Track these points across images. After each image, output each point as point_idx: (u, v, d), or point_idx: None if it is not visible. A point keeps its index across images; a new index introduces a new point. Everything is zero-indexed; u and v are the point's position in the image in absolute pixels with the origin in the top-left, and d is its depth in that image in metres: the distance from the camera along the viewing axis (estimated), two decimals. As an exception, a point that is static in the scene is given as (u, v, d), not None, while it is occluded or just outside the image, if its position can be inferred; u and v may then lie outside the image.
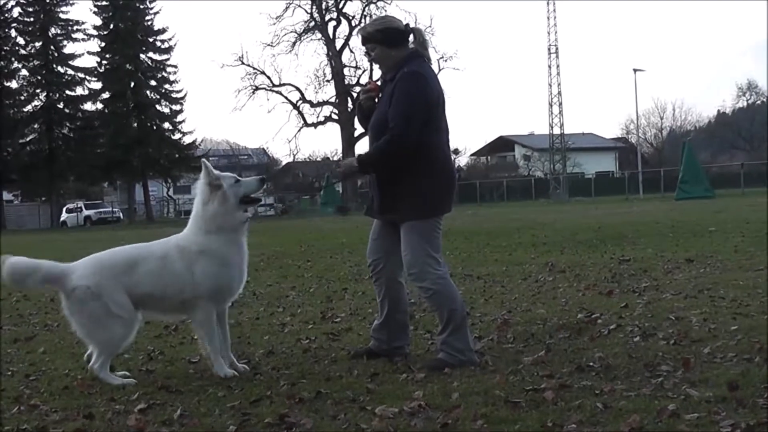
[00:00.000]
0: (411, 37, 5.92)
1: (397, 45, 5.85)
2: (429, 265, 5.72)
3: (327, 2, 69.16)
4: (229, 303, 6.03)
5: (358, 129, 69.88)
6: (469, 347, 5.71)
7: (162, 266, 5.72)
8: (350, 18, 69.56)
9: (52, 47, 70.90)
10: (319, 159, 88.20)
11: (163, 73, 73.00)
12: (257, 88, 68.80)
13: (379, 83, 6.09)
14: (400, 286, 6.07)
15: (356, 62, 70.23)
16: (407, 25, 5.95)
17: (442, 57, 67.90)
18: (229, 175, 5.95)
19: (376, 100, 5.99)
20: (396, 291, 6.05)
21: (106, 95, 71.64)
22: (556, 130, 75.54)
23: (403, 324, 6.12)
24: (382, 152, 5.70)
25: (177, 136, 73.57)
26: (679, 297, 8.05)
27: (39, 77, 70.29)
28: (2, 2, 69.15)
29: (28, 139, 70.72)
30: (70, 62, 71.58)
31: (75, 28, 71.42)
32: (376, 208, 5.95)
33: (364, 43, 5.99)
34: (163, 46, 72.78)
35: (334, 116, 69.75)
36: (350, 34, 69.69)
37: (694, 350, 5.59)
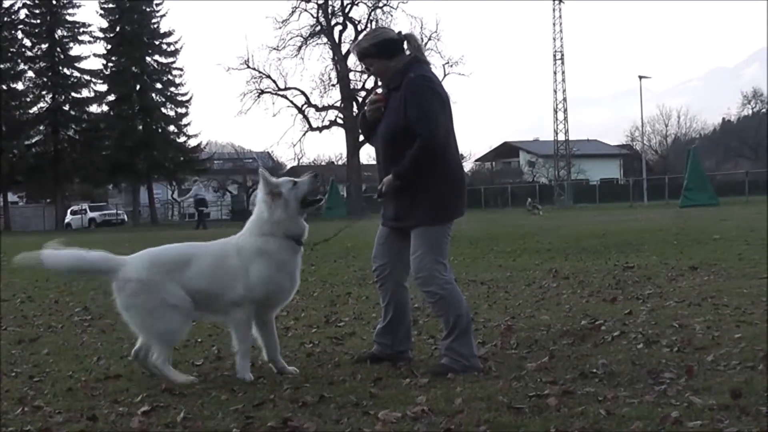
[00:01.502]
0: (406, 44, 5.92)
1: (394, 55, 5.85)
2: (437, 271, 5.72)
3: (333, 6, 69.22)
4: (280, 308, 6.05)
5: (363, 133, 70.03)
6: (473, 353, 5.71)
7: (217, 264, 5.75)
8: (356, 22, 69.60)
9: (58, 49, 71.04)
10: (323, 163, 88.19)
11: (169, 76, 73.17)
12: (262, 92, 68.81)
13: (381, 94, 6.04)
14: (404, 290, 6.07)
15: (362, 67, 70.08)
16: (399, 33, 5.95)
17: (448, 62, 68.00)
18: (286, 179, 5.95)
19: (383, 110, 5.97)
20: (401, 296, 6.06)
21: (111, 98, 71.81)
22: (561, 137, 75.55)
23: (407, 329, 6.13)
24: (418, 160, 5.66)
25: (182, 139, 73.75)
26: (683, 304, 8.05)
27: (45, 79, 70.42)
28: (9, 4, 69.27)
29: (33, 140, 70.83)
30: (76, 64, 71.72)
31: (81, 30, 71.58)
32: (392, 216, 5.94)
33: (361, 59, 6.00)
34: (169, 49, 72.98)
35: (339, 120, 69.75)
36: (356, 39, 69.66)
37: (698, 358, 5.59)
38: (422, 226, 5.74)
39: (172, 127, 73.56)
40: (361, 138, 62.45)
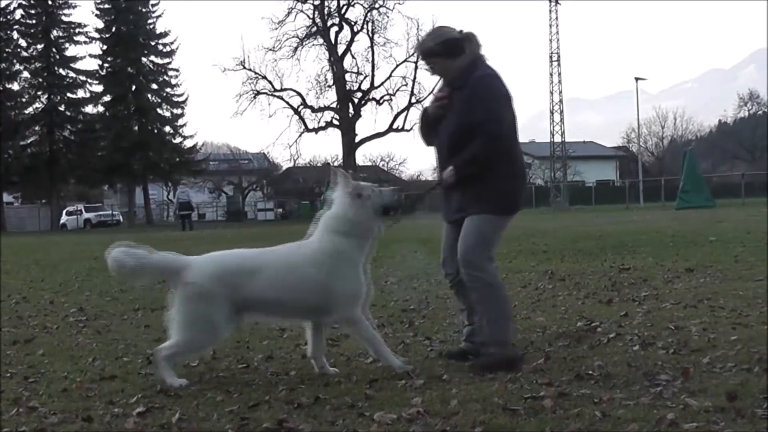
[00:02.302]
0: (466, 43, 5.93)
1: (457, 54, 5.88)
2: (486, 258, 5.79)
3: (329, 7, 69.20)
4: (359, 309, 5.82)
5: (360, 134, 70.15)
6: (510, 342, 5.81)
7: (289, 271, 5.69)
8: (352, 23, 69.60)
9: (53, 50, 71.02)
10: (319, 164, 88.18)
11: (165, 77, 73.15)
12: (258, 93, 68.76)
13: (445, 92, 6.02)
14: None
15: (357, 68, 70.23)
16: (461, 31, 5.97)
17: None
18: (369, 185, 5.93)
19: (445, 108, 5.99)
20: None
21: (107, 98, 71.78)
22: (557, 138, 75.56)
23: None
24: (479, 156, 5.71)
25: (178, 139, 73.76)
26: (679, 306, 8.05)
27: (40, 79, 70.39)
28: (4, 4, 69.23)
29: (29, 141, 70.79)
30: (72, 65, 71.69)
31: (77, 30, 71.55)
32: (456, 208, 5.96)
33: (424, 58, 6.02)
34: (164, 50, 72.96)
35: (335, 122, 69.73)
36: (352, 40, 69.73)
37: (694, 360, 5.59)
38: (483, 213, 5.77)
39: (167, 128, 73.53)
40: (357, 139, 62.48)
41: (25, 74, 70.90)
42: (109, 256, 5.76)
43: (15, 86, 70.37)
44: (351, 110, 69.68)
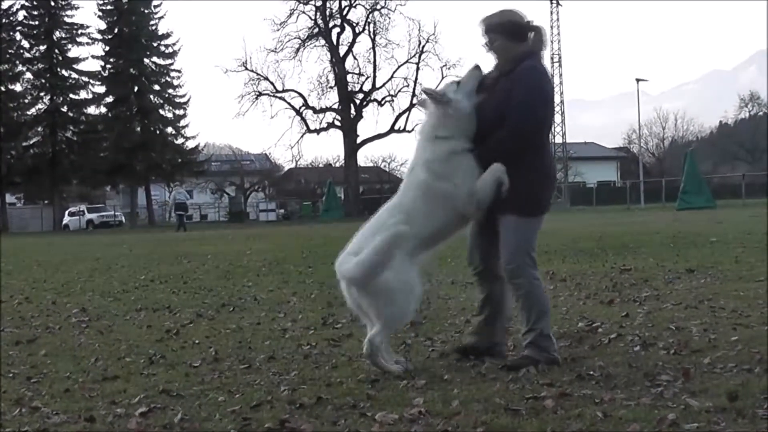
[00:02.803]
0: (531, 34, 5.94)
1: (517, 39, 5.88)
2: (527, 265, 5.79)
3: (331, 9, 69.27)
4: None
5: (361, 135, 70.17)
6: (554, 347, 5.80)
7: (428, 198, 5.70)
8: (354, 25, 69.64)
9: (56, 51, 71.11)
10: (321, 165, 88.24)
11: (167, 78, 73.23)
12: (260, 94, 68.85)
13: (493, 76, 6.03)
14: (502, 282, 6.08)
15: (359, 69, 70.26)
16: (529, 21, 5.98)
17: (446, 65, 67.99)
18: (449, 84, 5.95)
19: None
20: (499, 289, 6.09)
21: (109, 99, 71.89)
22: (559, 139, 75.53)
23: (503, 322, 6.20)
24: (502, 142, 5.73)
25: (180, 140, 73.85)
26: (680, 307, 8.06)
27: (43, 80, 70.49)
28: (7, 5, 69.30)
29: (31, 142, 70.90)
30: (75, 66, 71.80)
31: (79, 31, 71.67)
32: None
33: (486, 32, 5.97)
34: (167, 51, 73.04)
35: (337, 123, 69.76)
36: (354, 41, 69.78)
37: (694, 360, 5.59)
38: (514, 215, 5.78)
39: (170, 129, 73.62)
40: (359, 140, 62.46)
41: (28, 75, 71.05)
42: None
43: (18, 87, 70.54)
44: (353, 111, 69.70)
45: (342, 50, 69.84)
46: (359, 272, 5.53)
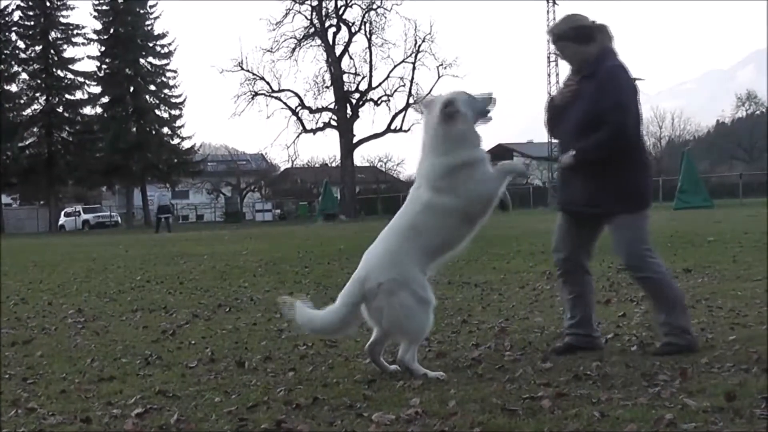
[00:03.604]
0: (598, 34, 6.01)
1: (588, 42, 5.94)
2: (648, 256, 5.90)
3: (327, 8, 69.26)
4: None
5: (357, 135, 70.15)
6: (691, 328, 5.91)
7: (434, 213, 5.66)
8: (350, 24, 69.65)
9: (52, 51, 71.11)
10: (317, 165, 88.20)
11: (163, 78, 73.26)
12: (256, 94, 68.82)
13: (573, 80, 6.10)
14: (589, 277, 6.25)
15: (355, 69, 70.28)
16: (594, 21, 6.04)
17: (442, 64, 68.01)
18: (457, 92, 5.88)
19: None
20: (587, 283, 6.23)
21: (105, 99, 71.91)
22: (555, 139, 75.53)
23: (591, 313, 6.26)
24: (603, 144, 5.79)
25: (176, 140, 73.95)
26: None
27: (39, 81, 70.49)
28: (2, 6, 69.28)
29: (27, 142, 70.86)
30: (70, 66, 71.81)
31: (75, 32, 71.70)
32: (583, 201, 6.01)
33: (556, 41, 6.07)
34: (162, 51, 73.06)
35: (333, 122, 69.74)
36: (350, 41, 69.78)
37: (692, 360, 5.58)
38: (624, 214, 5.87)
39: (165, 129, 73.66)
40: (355, 140, 62.69)
41: (24, 76, 71.12)
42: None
43: (13, 88, 70.57)
44: (349, 111, 69.70)
45: (338, 50, 69.85)
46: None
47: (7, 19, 70.02)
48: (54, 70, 71.08)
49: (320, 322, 5.76)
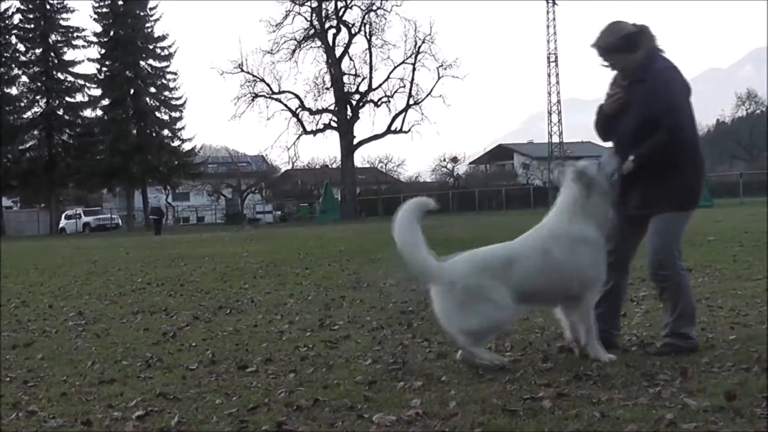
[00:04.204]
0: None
1: (637, 48, 5.99)
2: (675, 257, 5.95)
3: (327, 10, 69.29)
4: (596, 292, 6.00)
5: (358, 136, 70.16)
6: (694, 335, 5.97)
7: (543, 260, 5.77)
8: (350, 25, 69.68)
9: (52, 54, 71.10)
10: (317, 167, 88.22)
11: (163, 80, 73.24)
12: (257, 96, 68.87)
13: (622, 87, 6.14)
14: (627, 276, 6.34)
15: (355, 70, 70.32)
16: (635, 25, 6.08)
17: (442, 65, 68.03)
18: (589, 162, 6.04)
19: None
20: (623, 281, 6.31)
21: (105, 102, 71.91)
22: (555, 139, 75.63)
23: (619, 312, 6.35)
24: (660, 147, 5.85)
25: (176, 143, 73.87)
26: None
27: (39, 84, 70.51)
28: (3, 8, 69.28)
29: (27, 145, 70.89)
30: (70, 69, 71.81)
31: (75, 35, 71.69)
32: (637, 204, 6.06)
33: (604, 54, 6.09)
34: (162, 53, 73.01)
35: (333, 124, 69.77)
36: (350, 42, 69.80)
37: (692, 360, 5.58)
38: (671, 211, 5.94)
39: (166, 131, 73.65)
40: (356, 141, 62.61)
41: (24, 78, 71.12)
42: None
43: (14, 91, 70.57)
44: (349, 112, 69.73)
45: (338, 51, 69.90)
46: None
47: (7, 22, 70.03)
48: (54, 72, 71.09)
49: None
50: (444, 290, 5.73)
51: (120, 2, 71.31)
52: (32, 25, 71.01)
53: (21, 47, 71.29)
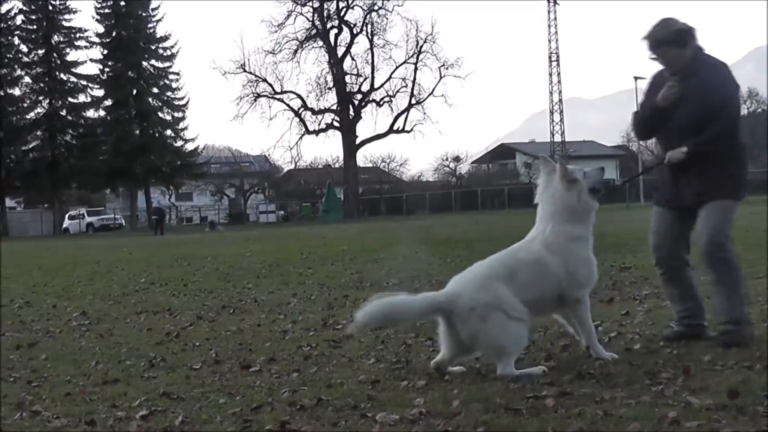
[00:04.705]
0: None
1: (686, 44, 6.17)
2: (728, 241, 6.12)
3: (328, 10, 69.30)
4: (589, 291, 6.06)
5: (360, 136, 70.19)
6: (746, 319, 6.15)
7: (538, 270, 5.82)
8: (351, 26, 69.68)
9: (54, 55, 71.16)
10: (320, 166, 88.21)
11: (166, 81, 73.32)
12: (259, 96, 68.89)
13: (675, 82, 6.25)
14: (691, 270, 6.43)
15: (357, 70, 70.34)
16: (685, 23, 6.24)
17: (444, 65, 68.02)
18: (578, 168, 6.16)
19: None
20: (688, 276, 6.42)
21: (108, 102, 71.99)
22: (557, 138, 75.60)
23: (701, 304, 6.45)
24: (717, 137, 6.06)
25: (179, 143, 73.91)
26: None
27: (42, 84, 70.57)
28: (5, 9, 69.33)
29: (30, 146, 71.00)
30: (73, 70, 71.86)
31: (78, 35, 71.74)
32: (694, 192, 6.18)
33: (656, 46, 6.24)
34: (165, 54, 73.05)
35: (336, 124, 69.78)
36: (352, 42, 69.81)
37: (695, 358, 5.59)
38: (725, 199, 6.13)
39: (169, 132, 73.71)
40: (358, 140, 62.36)
41: (27, 79, 71.21)
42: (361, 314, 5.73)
43: (16, 91, 70.69)
44: (351, 112, 69.75)
45: (340, 51, 69.93)
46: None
47: (9, 23, 70.08)
48: (57, 73, 71.14)
49: (398, 305, 5.77)
50: (464, 318, 5.60)
51: (122, 3, 71.38)
52: (35, 26, 71.07)
53: (24, 48, 71.40)
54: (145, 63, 72.38)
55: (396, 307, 5.71)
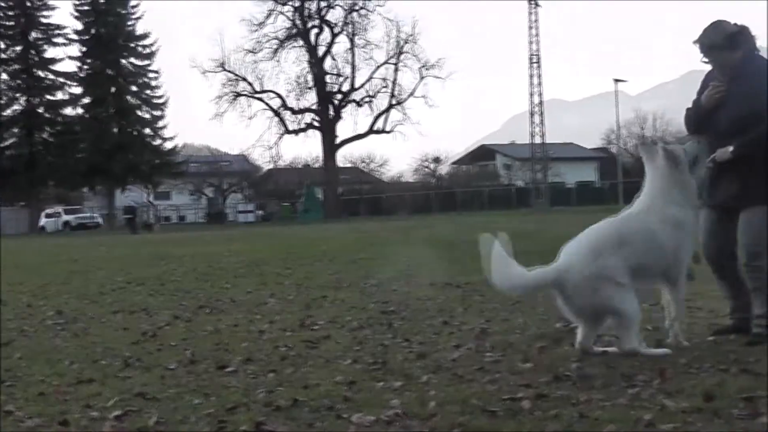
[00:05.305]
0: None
1: (738, 47, 6.22)
2: (765, 250, 6.12)
3: (309, 9, 69.28)
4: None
5: (340, 136, 70.20)
6: None
7: (649, 239, 6.01)
8: (332, 25, 69.67)
9: (32, 51, 70.82)
10: (300, 166, 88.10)
11: (145, 79, 73.09)
12: (238, 95, 68.78)
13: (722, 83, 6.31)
14: (740, 264, 6.42)
15: (338, 70, 70.34)
16: (736, 24, 6.29)
17: (424, 65, 68.12)
18: (678, 146, 6.28)
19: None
20: (738, 272, 6.45)
21: (86, 100, 71.68)
22: (538, 140, 75.81)
23: (749, 299, 6.46)
24: (761, 139, 6.07)
25: (158, 141, 73.77)
26: (657, 307, 8.04)
27: (19, 82, 70.21)
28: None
29: (8, 143, 70.54)
30: (51, 66, 71.51)
31: (56, 32, 71.41)
32: (730, 194, 6.26)
33: (708, 51, 6.30)
34: (144, 52, 72.83)
35: (316, 123, 69.75)
36: (332, 42, 69.80)
37: (671, 361, 5.61)
38: (764, 205, 6.13)
39: (147, 130, 73.48)
40: (338, 140, 62.37)
41: (4, 76, 70.77)
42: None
43: (-7, 88, 70.11)
44: (331, 112, 69.75)
45: (320, 51, 69.92)
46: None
47: (-14, 19, 69.70)
48: (35, 70, 70.81)
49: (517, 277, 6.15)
50: (577, 292, 5.87)
51: (101, 0, 71.05)
52: (12, 22, 70.68)
53: (1, 44, 70.93)
54: (123, 61, 72.17)
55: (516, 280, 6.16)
